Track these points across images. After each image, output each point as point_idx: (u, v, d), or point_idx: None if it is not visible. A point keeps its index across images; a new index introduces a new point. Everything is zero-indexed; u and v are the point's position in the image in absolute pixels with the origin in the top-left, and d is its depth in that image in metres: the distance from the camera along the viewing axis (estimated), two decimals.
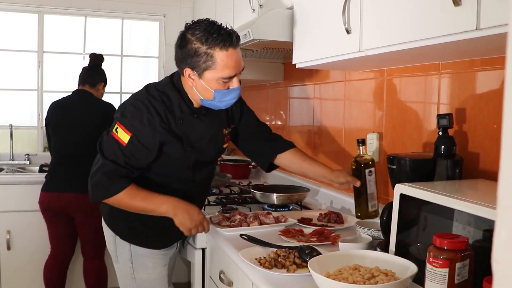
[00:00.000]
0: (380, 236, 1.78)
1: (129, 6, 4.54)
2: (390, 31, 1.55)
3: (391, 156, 1.72)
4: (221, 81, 1.86)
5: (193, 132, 2.01)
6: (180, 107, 1.97)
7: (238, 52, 1.88)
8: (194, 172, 2.08)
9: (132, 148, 1.89)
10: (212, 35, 1.82)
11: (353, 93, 2.51)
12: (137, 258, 2.15)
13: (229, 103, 1.96)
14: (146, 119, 1.90)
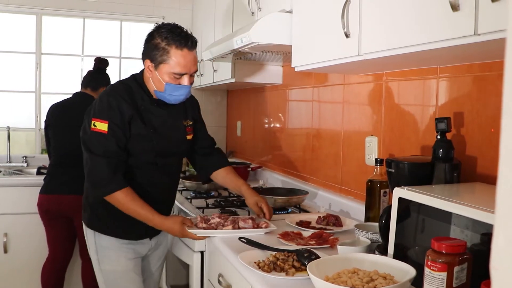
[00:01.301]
0: (378, 239, 1.78)
1: (128, 8, 4.54)
2: (389, 36, 1.55)
3: (390, 160, 1.73)
4: (173, 76, 2.09)
5: (155, 118, 2.20)
6: (141, 96, 2.19)
7: (193, 55, 2.13)
8: (157, 157, 2.21)
9: (113, 132, 2.09)
10: (172, 34, 2.09)
11: (352, 96, 2.52)
12: (102, 250, 2.26)
13: (178, 98, 2.16)
14: (114, 104, 2.11)
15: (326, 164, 2.79)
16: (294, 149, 3.24)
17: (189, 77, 2.13)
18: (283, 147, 3.42)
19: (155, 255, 2.44)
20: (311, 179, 2.96)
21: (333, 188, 2.69)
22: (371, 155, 2.30)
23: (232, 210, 2.50)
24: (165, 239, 2.48)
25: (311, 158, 2.97)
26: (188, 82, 2.13)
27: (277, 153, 3.54)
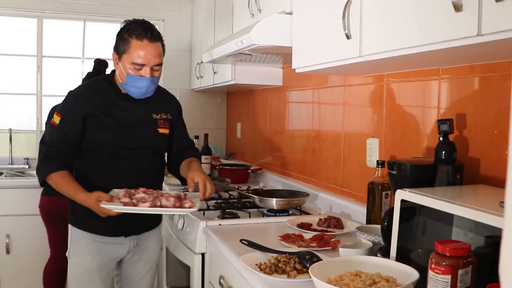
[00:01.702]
0: (380, 241, 1.77)
1: (128, 10, 4.53)
2: (390, 37, 1.54)
3: (392, 161, 1.72)
4: (133, 66, 2.15)
5: (120, 110, 2.25)
6: (109, 91, 2.27)
7: (154, 47, 2.17)
8: (121, 148, 2.23)
9: (62, 125, 2.20)
10: (135, 26, 2.17)
11: (353, 98, 2.51)
12: (73, 243, 2.30)
13: (140, 91, 2.20)
14: (72, 101, 2.24)
15: (327, 166, 2.78)
16: (294, 151, 3.23)
17: (150, 69, 2.16)
18: (283, 149, 3.41)
19: (140, 260, 2.40)
20: (312, 181, 2.95)
21: (334, 190, 2.68)
22: (372, 157, 2.29)
23: (233, 212, 2.48)
24: (152, 243, 2.42)
25: (312, 160, 2.97)
26: (149, 74, 2.16)
27: (277, 155, 3.53)
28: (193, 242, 2.32)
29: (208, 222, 2.28)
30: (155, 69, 2.20)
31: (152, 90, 2.25)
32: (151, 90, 2.24)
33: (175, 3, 4.66)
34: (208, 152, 3.71)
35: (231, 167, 3.71)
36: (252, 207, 2.60)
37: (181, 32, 4.69)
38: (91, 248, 2.26)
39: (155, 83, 2.24)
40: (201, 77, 4.17)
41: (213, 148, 3.96)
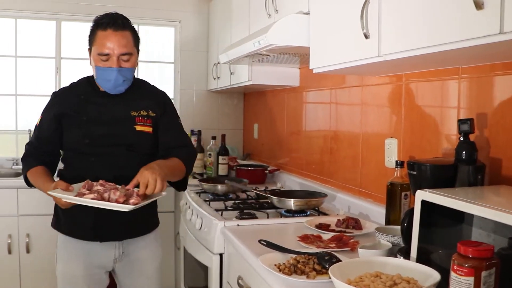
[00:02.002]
0: (400, 242, 1.76)
1: (145, 12, 4.55)
2: (409, 36, 1.53)
3: (412, 162, 1.70)
4: (99, 58, 2.10)
5: (94, 108, 2.21)
6: (86, 89, 2.25)
7: (119, 36, 2.10)
8: (92, 145, 2.17)
9: (40, 125, 2.25)
10: (101, 17, 2.14)
11: (370, 98, 2.50)
12: (58, 248, 2.29)
13: (109, 84, 2.14)
14: (51, 101, 2.28)
15: (344, 166, 2.77)
16: (311, 152, 3.22)
17: (117, 59, 2.10)
18: (300, 149, 3.40)
19: (133, 272, 2.31)
20: (330, 182, 2.94)
21: (352, 190, 2.67)
22: (391, 157, 2.28)
23: (251, 212, 2.48)
24: (144, 253, 2.31)
25: (329, 161, 2.95)
26: (116, 64, 2.09)
27: (294, 156, 3.52)
28: (211, 242, 2.32)
29: (226, 223, 2.28)
30: (123, 59, 2.12)
31: (122, 83, 2.15)
32: (121, 82, 2.14)
33: (191, 4, 4.67)
34: (225, 153, 3.72)
35: (248, 167, 3.71)
36: (270, 208, 2.60)
37: (198, 33, 4.70)
38: (73, 254, 2.23)
39: (124, 75, 2.14)
40: (218, 78, 4.17)
41: (230, 148, 3.96)
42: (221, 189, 2.96)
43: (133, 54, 2.17)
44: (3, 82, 4.36)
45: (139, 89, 2.31)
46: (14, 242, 3.61)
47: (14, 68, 4.37)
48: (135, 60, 2.20)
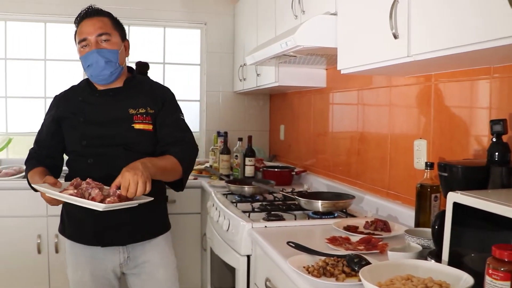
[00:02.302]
0: (430, 245, 1.73)
1: (171, 14, 4.59)
2: (439, 35, 1.51)
3: (442, 163, 1.68)
4: (80, 47, 2.14)
5: (92, 107, 2.20)
6: (84, 89, 2.26)
7: (94, 20, 2.13)
8: (90, 146, 2.15)
9: (40, 129, 2.30)
10: (77, 17, 2.18)
11: (399, 99, 2.47)
12: (67, 254, 2.30)
13: (93, 70, 2.12)
14: (51, 104, 2.31)
15: (372, 168, 2.75)
16: (338, 153, 3.20)
17: (95, 41, 2.10)
18: (327, 150, 3.39)
19: (141, 275, 2.27)
20: (357, 183, 2.92)
21: (380, 192, 2.65)
22: (420, 159, 2.25)
23: (278, 214, 2.47)
24: (152, 257, 2.27)
25: (357, 162, 2.93)
26: (94, 46, 2.10)
27: (321, 157, 3.51)
28: (238, 243, 2.32)
29: (254, 224, 2.28)
30: (101, 39, 2.11)
31: (106, 65, 2.11)
32: (103, 64, 2.10)
33: (217, 6, 4.69)
34: (252, 154, 3.72)
35: (275, 169, 3.71)
36: (297, 209, 2.58)
37: (224, 35, 4.71)
38: (79, 259, 2.23)
39: (105, 56, 2.10)
40: (244, 79, 4.18)
41: (256, 150, 3.96)
42: (248, 190, 2.96)
43: (112, 34, 2.16)
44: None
45: (139, 87, 2.28)
46: (44, 242, 3.66)
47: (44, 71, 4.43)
48: (117, 42, 2.17)
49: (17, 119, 4.45)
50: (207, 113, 4.70)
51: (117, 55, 2.16)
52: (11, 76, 4.44)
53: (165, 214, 2.41)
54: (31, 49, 4.44)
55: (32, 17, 4.33)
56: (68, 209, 2.26)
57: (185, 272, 3.80)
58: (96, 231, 2.17)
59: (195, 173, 4.01)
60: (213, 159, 4.18)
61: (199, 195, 3.82)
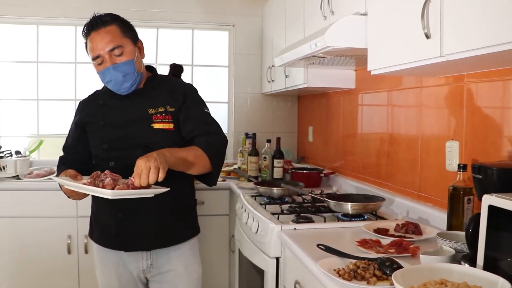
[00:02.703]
0: (463, 249, 1.70)
1: (199, 16, 4.61)
2: (473, 35, 1.48)
3: (476, 165, 1.65)
4: (95, 64, 2.11)
5: (111, 110, 2.20)
6: (104, 93, 2.26)
7: (101, 34, 2.07)
8: (111, 150, 2.15)
9: (68, 134, 2.33)
10: (83, 29, 2.12)
11: (430, 100, 2.44)
12: (95, 257, 2.33)
13: (112, 85, 2.12)
14: (76, 110, 2.35)
15: (402, 170, 2.71)
16: (368, 155, 3.17)
17: (108, 57, 2.06)
18: (356, 152, 3.36)
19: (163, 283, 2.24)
20: (387, 185, 2.88)
21: (411, 194, 2.61)
22: (452, 161, 2.21)
23: (307, 216, 2.46)
24: (176, 265, 2.24)
25: (387, 164, 2.90)
26: (109, 62, 2.06)
27: (350, 159, 3.48)
28: (267, 246, 2.32)
29: (283, 226, 2.27)
30: (114, 54, 2.06)
31: (124, 78, 2.09)
32: (121, 79, 2.08)
33: (245, 8, 4.69)
34: (280, 156, 3.71)
35: (304, 170, 3.69)
36: (327, 212, 2.56)
37: (252, 37, 4.71)
38: (105, 263, 2.25)
39: (122, 70, 2.07)
40: (272, 81, 4.17)
41: (285, 151, 3.95)
42: (277, 192, 2.95)
43: (124, 45, 2.09)
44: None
45: (159, 86, 2.24)
46: (73, 242, 3.71)
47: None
48: (130, 51, 2.11)
49: (48, 121, 4.53)
50: (235, 115, 4.71)
51: (133, 65, 2.11)
52: (43, 79, 4.52)
53: (193, 218, 2.39)
54: (62, 52, 4.51)
55: (62, 21, 4.40)
56: (95, 213, 2.29)
57: (213, 274, 3.81)
58: (119, 235, 2.17)
59: (224, 175, 4.02)
60: (241, 160, 4.18)
61: (228, 196, 3.82)
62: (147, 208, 2.13)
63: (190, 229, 2.35)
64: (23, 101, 4.51)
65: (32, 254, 3.67)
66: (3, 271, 3.68)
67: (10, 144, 4.30)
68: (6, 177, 3.86)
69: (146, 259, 2.21)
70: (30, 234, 3.67)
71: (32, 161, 4.29)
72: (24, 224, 3.66)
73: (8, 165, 3.93)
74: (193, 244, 2.33)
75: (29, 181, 3.78)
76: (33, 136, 4.45)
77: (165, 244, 2.22)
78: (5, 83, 4.44)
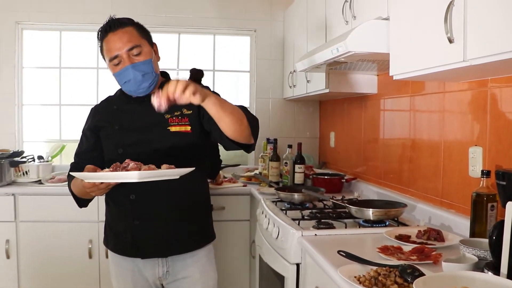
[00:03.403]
0: (487, 256, 1.67)
1: (221, 22, 4.63)
2: (497, 39, 1.46)
3: (500, 171, 1.62)
4: (112, 65, 2.09)
5: (127, 115, 2.19)
6: (119, 98, 2.27)
7: (119, 34, 2.07)
8: (127, 154, 2.07)
9: (81, 139, 2.30)
10: (100, 29, 2.12)
11: (452, 105, 2.41)
12: (110, 265, 2.32)
13: (130, 86, 2.09)
14: (88, 115, 2.34)
15: (424, 175, 2.68)
16: (390, 160, 3.14)
17: (126, 56, 2.05)
18: (378, 158, 3.33)
19: None
20: (409, 191, 2.85)
21: (433, 201, 2.58)
22: (476, 167, 2.18)
23: (328, 222, 2.44)
24: (192, 272, 2.24)
25: (409, 170, 2.87)
26: (128, 62, 2.05)
27: (371, 164, 3.45)
28: (288, 252, 2.31)
29: (304, 232, 2.26)
30: (133, 53, 2.06)
31: (143, 78, 2.07)
32: (140, 78, 2.07)
33: (267, 13, 4.70)
34: (301, 161, 3.70)
35: (325, 176, 3.67)
36: (348, 217, 2.54)
37: (273, 42, 4.72)
38: (121, 271, 2.25)
39: (141, 70, 2.07)
40: (294, 86, 4.17)
41: (306, 157, 3.94)
42: (298, 198, 2.94)
43: (142, 45, 2.10)
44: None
45: None
46: (95, 247, 3.74)
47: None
48: (148, 51, 2.12)
49: (70, 126, 4.58)
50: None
51: (151, 65, 2.12)
52: (65, 85, 4.59)
53: (209, 224, 2.39)
54: (84, 58, 4.57)
55: (85, 27, 4.45)
56: (110, 221, 2.30)
57: (234, 280, 3.80)
58: (136, 242, 2.17)
59: (245, 180, 4.02)
60: (262, 166, 4.18)
61: (248, 202, 3.82)
62: (164, 215, 2.16)
63: (206, 235, 2.36)
64: (46, 107, 4.59)
65: (54, 258, 3.71)
66: (25, 274, 3.72)
67: (32, 149, 4.36)
68: (28, 181, 3.91)
69: (162, 266, 2.21)
70: (51, 238, 3.70)
71: (54, 166, 4.35)
72: (46, 228, 3.70)
73: (31, 170, 3.99)
74: (209, 250, 2.34)
75: (51, 186, 3.82)
76: (56, 141, 4.51)
77: (182, 251, 2.22)
78: (29, 89, 4.52)
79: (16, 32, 4.39)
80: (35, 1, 4.35)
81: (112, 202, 2.25)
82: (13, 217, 3.67)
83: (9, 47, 4.37)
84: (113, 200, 2.24)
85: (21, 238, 3.69)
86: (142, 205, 2.14)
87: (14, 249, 3.68)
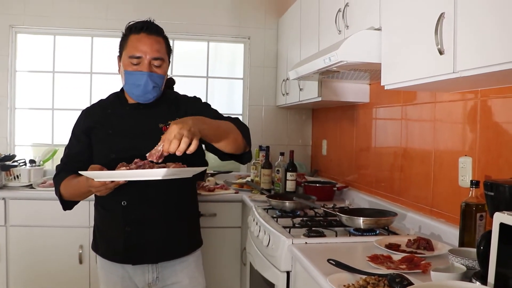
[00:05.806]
0: (475, 266, 1.68)
1: (214, 28, 4.65)
2: (486, 51, 1.48)
3: (489, 182, 1.64)
4: (130, 61, 2.07)
5: (122, 120, 2.17)
6: (113, 102, 2.25)
7: (152, 39, 2.08)
8: (117, 161, 1.95)
9: (70, 142, 2.25)
10: (134, 23, 2.12)
11: (443, 115, 2.43)
12: (99, 270, 2.29)
13: (139, 90, 2.08)
14: (79, 117, 2.30)
15: (415, 184, 2.70)
16: (381, 169, 3.16)
17: (148, 63, 2.06)
18: (369, 166, 3.35)
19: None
20: (400, 200, 2.87)
21: (423, 210, 2.59)
22: (465, 177, 2.20)
23: (319, 230, 2.45)
24: (181, 278, 2.24)
25: (400, 178, 2.89)
26: (147, 68, 2.05)
27: (363, 173, 3.47)
28: (278, 259, 2.31)
29: (294, 240, 2.27)
30: (155, 64, 2.08)
31: (152, 89, 2.09)
32: (150, 89, 2.08)
33: (261, 21, 4.72)
34: (293, 169, 3.70)
35: (317, 184, 3.68)
36: (338, 226, 2.55)
37: (267, 49, 4.74)
38: (110, 277, 2.23)
39: (155, 81, 2.09)
40: (286, 93, 4.18)
41: (298, 165, 3.95)
42: (289, 205, 2.95)
43: (165, 61, 2.14)
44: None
45: (168, 101, 2.23)
46: (85, 252, 3.72)
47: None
48: (166, 68, 2.16)
49: (62, 131, 4.56)
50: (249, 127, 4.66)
51: (163, 81, 2.15)
52: (58, 89, 4.58)
53: (198, 230, 2.40)
54: (77, 62, 4.57)
55: (79, 32, 4.47)
56: (100, 226, 2.28)
57: (224, 287, 3.80)
58: (127, 249, 2.15)
59: (236, 187, 4.02)
60: (254, 173, 4.18)
61: (240, 209, 3.82)
62: (154, 221, 2.17)
63: (195, 241, 2.36)
64: (38, 111, 4.58)
65: (44, 263, 3.70)
66: (15, 278, 3.71)
67: (24, 153, 4.35)
68: (19, 186, 3.90)
69: (152, 272, 2.21)
70: (42, 243, 3.69)
71: (46, 171, 4.34)
72: (37, 233, 3.69)
73: (22, 174, 3.97)
74: (197, 256, 2.34)
75: (42, 190, 3.80)
76: (47, 145, 4.50)
77: (172, 257, 2.23)
78: (21, 92, 4.51)
79: (10, 35, 4.40)
80: (29, 5, 4.37)
81: (102, 208, 2.23)
82: (3, 221, 3.66)
83: (2, 51, 4.38)
84: (103, 205, 2.22)
85: (11, 243, 3.68)
86: (133, 211, 2.13)
87: (4, 254, 3.67)
